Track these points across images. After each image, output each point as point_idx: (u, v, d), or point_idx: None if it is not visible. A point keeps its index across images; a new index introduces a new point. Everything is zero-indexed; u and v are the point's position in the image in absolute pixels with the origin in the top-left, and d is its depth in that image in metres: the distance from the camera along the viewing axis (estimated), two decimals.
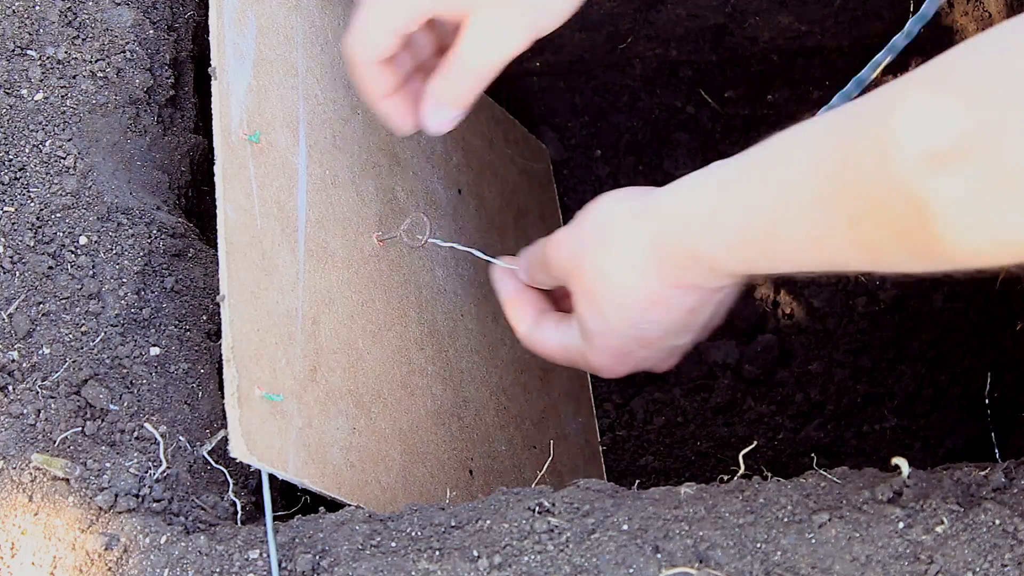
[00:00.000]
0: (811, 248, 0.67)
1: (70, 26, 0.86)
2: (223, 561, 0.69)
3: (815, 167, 0.65)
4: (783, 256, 0.70)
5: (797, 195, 0.66)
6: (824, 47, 1.28)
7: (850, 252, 0.65)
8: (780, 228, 0.68)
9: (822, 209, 0.64)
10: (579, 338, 0.83)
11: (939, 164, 0.57)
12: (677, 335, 0.81)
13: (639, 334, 0.79)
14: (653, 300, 0.77)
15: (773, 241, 0.69)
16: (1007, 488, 0.68)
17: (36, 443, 0.73)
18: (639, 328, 0.79)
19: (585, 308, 0.81)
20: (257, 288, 0.76)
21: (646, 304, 0.77)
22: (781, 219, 0.67)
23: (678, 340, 0.82)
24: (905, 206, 0.59)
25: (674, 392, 1.24)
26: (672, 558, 0.66)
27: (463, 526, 0.69)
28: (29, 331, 0.77)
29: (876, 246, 0.63)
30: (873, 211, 0.62)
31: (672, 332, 0.80)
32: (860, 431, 1.20)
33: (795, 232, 0.67)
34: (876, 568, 0.64)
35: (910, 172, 0.58)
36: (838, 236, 0.65)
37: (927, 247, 0.61)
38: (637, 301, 0.77)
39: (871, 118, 0.63)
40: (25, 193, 0.81)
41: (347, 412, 0.81)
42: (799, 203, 0.66)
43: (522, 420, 1.03)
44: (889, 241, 0.62)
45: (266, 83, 0.82)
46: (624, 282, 0.77)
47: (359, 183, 0.90)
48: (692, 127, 1.32)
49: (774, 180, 0.68)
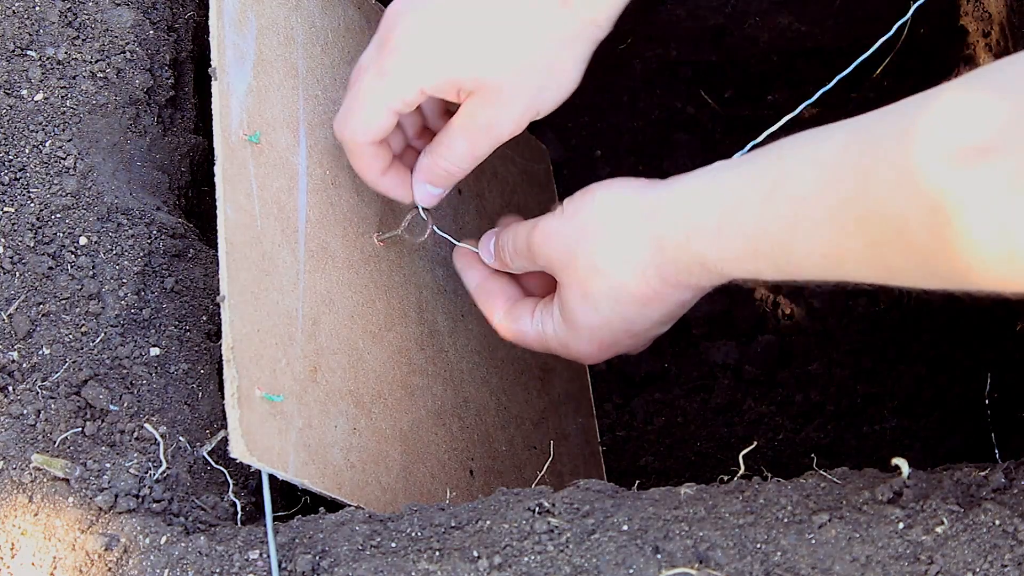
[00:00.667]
0: (826, 264, 0.67)
1: (70, 26, 0.86)
2: (223, 561, 0.69)
3: (830, 188, 0.64)
4: (794, 268, 0.70)
5: (811, 214, 0.66)
6: (824, 47, 1.28)
7: (866, 271, 0.65)
8: (793, 244, 0.68)
9: (838, 230, 0.64)
10: (560, 327, 0.84)
11: (972, 159, 0.56)
12: (663, 325, 0.82)
13: (629, 327, 0.80)
14: (651, 297, 0.78)
15: (786, 255, 0.69)
16: (1007, 488, 0.68)
17: (36, 443, 0.73)
18: (631, 322, 0.80)
19: (577, 302, 0.81)
20: (257, 288, 0.76)
21: (644, 301, 0.78)
22: (794, 235, 0.67)
23: (662, 329, 0.83)
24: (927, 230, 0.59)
25: (674, 392, 1.24)
26: (672, 558, 0.66)
27: (463, 526, 0.69)
28: (29, 331, 0.77)
29: (893, 267, 0.63)
30: (893, 237, 0.61)
31: (660, 323, 0.81)
32: (860, 431, 1.20)
33: (809, 249, 0.67)
34: (876, 568, 0.64)
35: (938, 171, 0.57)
36: (855, 256, 0.64)
37: (948, 267, 0.60)
38: (635, 298, 0.78)
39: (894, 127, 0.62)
40: (25, 193, 0.81)
41: (347, 412, 0.81)
42: (814, 222, 0.66)
43: (522, 420, 1.03)
44: (908, 265, 0.62)
45: (266, 84, 0.82)
46: (623, 279, 0.77)
47: (359, 184, 0.90)
48: (692, 127, 1.32)
49: (784, 196, 0.68)
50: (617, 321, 0.80)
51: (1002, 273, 0.58)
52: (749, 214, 0.70)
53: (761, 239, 0.69)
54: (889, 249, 0.62)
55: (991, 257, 0.57)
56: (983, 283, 0.60)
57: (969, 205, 0.57)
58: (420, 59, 0.80)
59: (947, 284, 0.62)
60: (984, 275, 0.59)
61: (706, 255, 0.73)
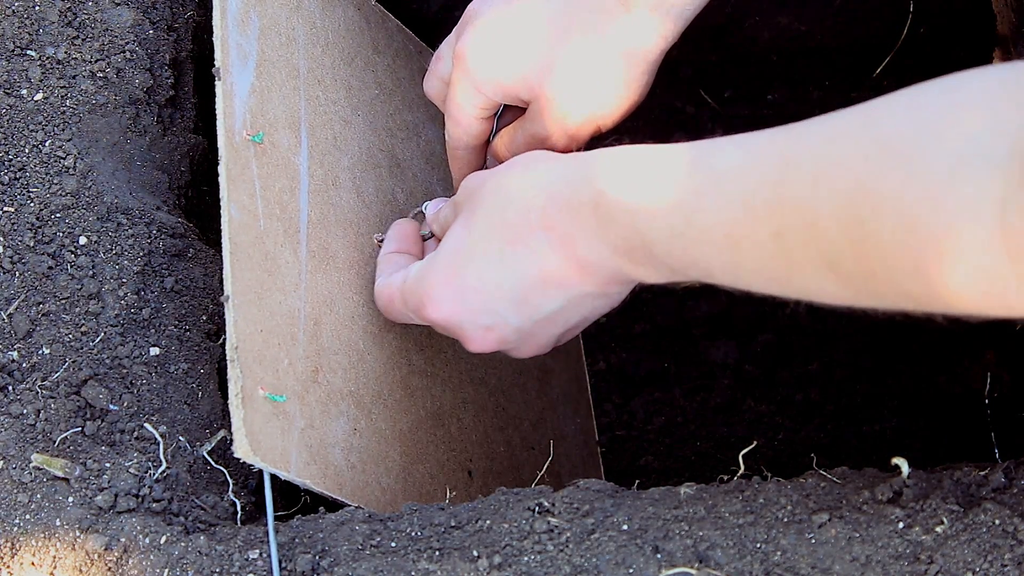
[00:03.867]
0: (724, 245, 0.63)
1: (70, 26, 0.86)
2: (223, 561, 0.69)
3: (749, 169, 0.62)
4: (692, 236, 0.64)
5: (725, 187, 0.63)
6: (824, 47, 1.28)
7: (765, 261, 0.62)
8: (697, 213, 0.64)
9: (747, 211, 0.61)
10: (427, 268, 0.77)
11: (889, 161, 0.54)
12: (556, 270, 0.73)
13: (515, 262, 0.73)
14: (541, 226, 0.71)
15: (686, 220, 0.64)
16: (1007, 488, 0.68)
17: (36, 443, 0.73)
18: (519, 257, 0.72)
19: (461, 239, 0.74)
20: (261, 289, 0.76)
21: (534, 228, 0.71)
22: (700, 203, 0.64)
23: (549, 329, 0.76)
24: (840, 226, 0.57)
25: (674, 392, 1.24)
26: (672, 558, 0.66)
27: (463, 526, 0.69)
28: (29, 331, 0.77)
29: (794, 261, 0.61)
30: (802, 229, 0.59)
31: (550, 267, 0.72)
32: (860, 431, 1.20)
33: (713, 221, 0.63)
34: (876, 568, 0.64)
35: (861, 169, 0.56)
36: (756, 242, 0.61)
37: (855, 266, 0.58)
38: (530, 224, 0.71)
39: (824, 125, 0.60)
40: (25, 193, 0.81)
41: (348, 413, 0.81)
42: (725, 197, 0.62)
43: (521, 421, 1.03)
44: (810, 258, 0.60)
45: (268, 84, 0.82)
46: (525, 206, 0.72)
47: (360, 184, 0.90)
48: (692, 127, 1.32)
49: (705, 167, 0.64)
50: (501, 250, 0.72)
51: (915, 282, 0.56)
52: (658, 170, 0.66)
53: (663, 196, 0.65)
54: (793, 240, 0.60)
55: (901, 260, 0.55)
56: (890, 290, 0.58)
57: (887, 204, 0.55)
58: (485, 71, 0.81)
59: (849, 286, 0.60)
60: (890, 279, 0.57)
61: (604, 194, 0.67)
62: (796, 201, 0.59)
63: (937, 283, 0.55)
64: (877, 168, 0.55)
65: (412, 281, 0.78)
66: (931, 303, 0.57)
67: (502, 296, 0.74)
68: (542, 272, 0.72)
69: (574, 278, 0.72)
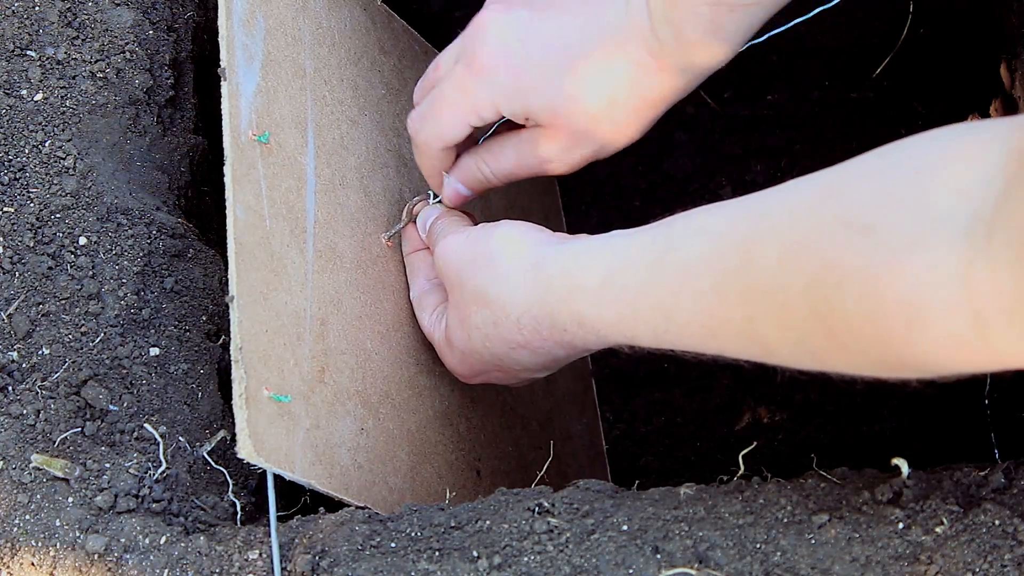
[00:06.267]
0: (703, 335, 0.66)
1: (70, 26, 0.86)
2: (223, 561, 0.69)
3: (716, 259, 0.64)
4: (671, 337, 0.69)
5: (695, 284, 0.65)
6: (824, 47, 1.28)
7: (742, 344, 0.64)
8: (674, 312, 0.67)
9: (720, 301, 0.63)
10: (442, 339, 0.85)
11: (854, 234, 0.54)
12: (535, 372, 0.82)
13: (498, 363, 0.81)
14: (521, 344, 0.77)
15: (665, 323, 0.68)
16: (1007, 488, 0.68)
17: (36, 443, 0.73)
18: (499, 359, 0.80)
19: (455, 323, 0.82)
20: (266, 289, 0.76)
21: (512, 344, 0.78)
22: (676, 303, 0.66)
23: (536, 374, 0.83)
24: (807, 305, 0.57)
25: (674, 392, 1.24)
26: (672, 558, 0.66)
27: (463, 526, 0.69)
28: (29, 331, 0.77)
29: (769, 342, 0.62)
30: (773, 311, 0.60)
31: (530, 369, 0.81)
32: (860, 431, 1.20)
33: (689, 318, 0.66)
34: (876, 569, 0.64)
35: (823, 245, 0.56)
36: (732, 329, 0.63)
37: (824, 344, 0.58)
38: (505, 340, 0.78)
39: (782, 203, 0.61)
40: (25, 193, 0.81)
41: (355, 413, 0.81)
42: (697, 292, 0.65)
43: (528, 421, 1.03)
44: (784, 339, 0.61)
45: (275, 84, 0.82)
46: (498, 319, 0.77)
47: (367, 184, 0.90)
48: (692, 127, 1.32)
49: (671, 263, 0.67)
50: (487, 355, 0.80)
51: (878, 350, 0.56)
52: (633, 278, 0.69)
53: (642, 304, 0.69)
54: (766, 324, 0.61)
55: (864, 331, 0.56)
56: (863, 360, 0.58)
57: (852, 277, 0.55)
58: (503, 85, 0.80)
59: (825, 362, 0.61)
60: (861, 351, 0.57)
61: (584, 314, 0.73)
62: (765, 286, 0.60)
63: (906, 351, 0.55)
64: (841, 242, 0.55)
65: (438, 350, 0.88)
66: (903, 370, 0.58)
67: (518, 376, 0.84)
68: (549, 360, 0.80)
69: (580, 353, 0.79)
